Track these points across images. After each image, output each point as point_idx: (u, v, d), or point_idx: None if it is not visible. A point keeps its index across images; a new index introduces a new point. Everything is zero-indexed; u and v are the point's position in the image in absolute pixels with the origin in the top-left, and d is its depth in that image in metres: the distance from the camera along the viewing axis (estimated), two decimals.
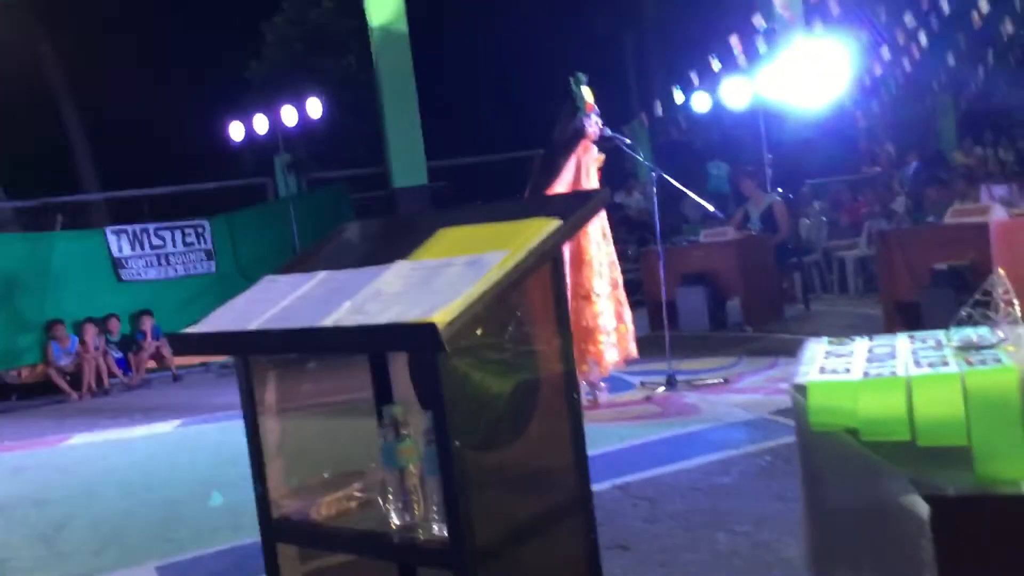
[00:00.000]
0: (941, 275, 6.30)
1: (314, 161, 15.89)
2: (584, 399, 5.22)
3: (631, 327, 5.79)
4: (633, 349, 5.77)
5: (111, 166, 17.84)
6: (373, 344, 2.03)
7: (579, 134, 5.65)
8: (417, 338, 1.76)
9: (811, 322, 8.14)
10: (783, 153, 12.10)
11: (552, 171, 5.57)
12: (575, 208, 2.12)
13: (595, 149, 5.73)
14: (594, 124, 5.70)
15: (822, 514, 1.94)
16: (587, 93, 5.72)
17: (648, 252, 9.13)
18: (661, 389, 5.93)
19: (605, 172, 5.90)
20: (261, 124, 10.83)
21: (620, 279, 5.77)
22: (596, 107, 5.72)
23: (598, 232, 5.62)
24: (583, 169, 5.64)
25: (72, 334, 9.57)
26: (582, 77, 5.74)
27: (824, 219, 10.85)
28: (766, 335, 7.79)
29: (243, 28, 17.92)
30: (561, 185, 5.53)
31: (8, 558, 4.17)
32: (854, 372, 2.05)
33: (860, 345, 2.34)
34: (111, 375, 9.65)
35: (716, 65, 10.04)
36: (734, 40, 9.76)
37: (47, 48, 17.91)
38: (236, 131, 11.14)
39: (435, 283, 1.92)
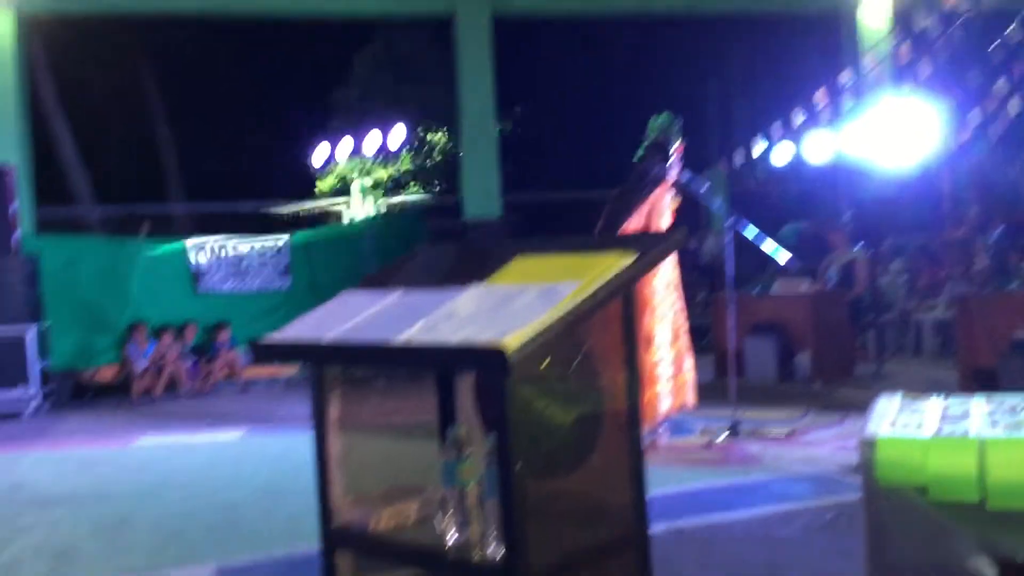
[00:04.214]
0: (1021, 344, 6.12)
1: (392, 187, 16.19)
2: (644, 440, 5.19)
3: (691, 377, 5.74)
4: (691, 399, 5.73)
5: (197, 180, 18.42)
6: (443, 363, 2.07)
7: (659, 179, 5.67)
8: (486, 360, 1.79)
9: (883, 382, 7.95)
10: (864, 210, 11.92)
11: (627, 209, 5.60)
12: (652, 246, 2.14)
13: (670, 194, 5.76)
14: (676, 170, 5.73)
15: (885, 570, 1.91)
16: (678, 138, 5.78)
17: (718, 299, 9.05)
18: (723, 436, 5.85)
19: (678, 217, 5.91)
20: (344, 148, 11.08)
21: (685, 328, 5.74)
22: (682, 152, 5.76)
23: (664, 280, 5.60)
24: (657, 212, 5.66)
25: (151, 339, 9.86)
26: (678, 122, 5.80)
27: (903, 279, 10.63)
28: (835, 391, 7.64)
29: (334, 56, 18.43)
30: (634, 225, 5.56)
31: (73, 548, 4.30)
32: (926, 430, 2.02)
33: (934, 404, 2.30)
34: (183, 381, 9.89)
35: (800, 118, 9.97)
36: (820, 95, 9.70)
37: (145, 64, 18.64)
38: (320, 153, 11.42)
39: (508, 308, 1.96)
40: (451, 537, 2.01)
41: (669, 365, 5.59)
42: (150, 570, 3.89)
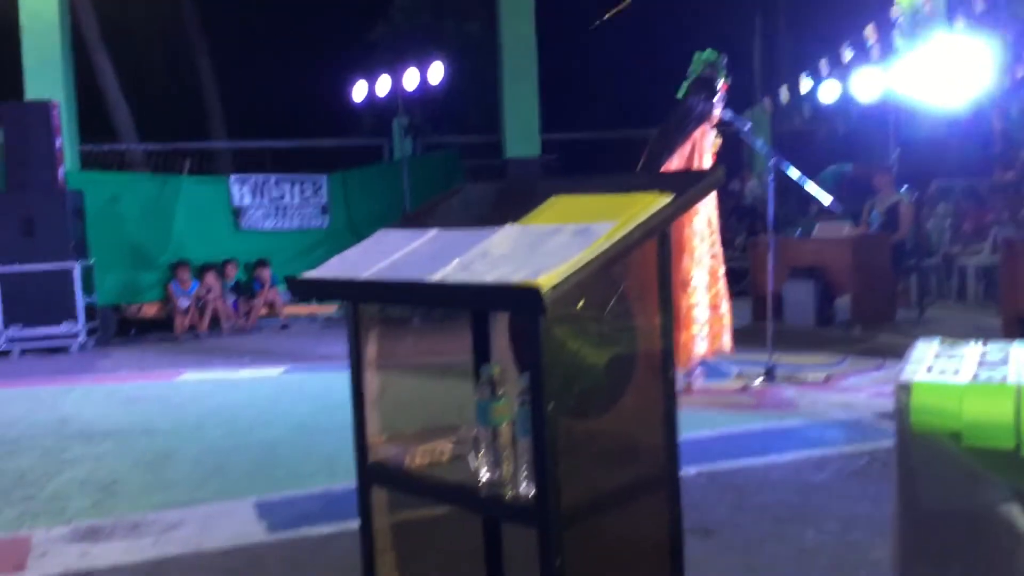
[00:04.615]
0: None
1: (430, 125, 16.12)
2: (678, 383, 5.19)
3: (728, 321, 5.70)
4: (727, 343, 5.69)
5: (238, 116, 18.46)
6: (477, 302, 2.08)
7: (703, 116, 5.58)
8: (520, 299, 1.79)
9: (924, 327, 7.86)
10: (912, 151, 11.64)
11: (668, 148, 5.52)
12: (689, 185, 2.11)
13: (713, 133, 5.67)
14: (720, 108, 5.63)
15: (915, 515, 1.90)
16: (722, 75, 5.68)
17: (758, 242, 8.95)
18: (759, 381, 5.84)
19: (720, 158, 5.82)
20: (383, 86, 11.02)
21: (722, 271, 5.69)
22: (726, 91, 5.66)
23: (703, 223, 5.55)
24: (698, 151, 5.59)
25: (194, 278, 10.00)
26: (723, 59, 5.68)
27: (948, 222, 10.43)
28: (875, 336, 7.57)
29: None
30: (675, 164, 5.49)
31: (118, 480, 4.43)
32: (963, 375, 1.99)
33: (972, 349, 2.27)
34: (225, 318, 10.06)
35: (848, 55, 9.71)
36: (869, 31, 9.42)
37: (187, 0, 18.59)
38: (359, 91, 11.38)
39: (542, 248, 1.95)
40: (484, 475, 2.04)
41: (706, 308, 5.56)
42: (191, 504, 4.00)
